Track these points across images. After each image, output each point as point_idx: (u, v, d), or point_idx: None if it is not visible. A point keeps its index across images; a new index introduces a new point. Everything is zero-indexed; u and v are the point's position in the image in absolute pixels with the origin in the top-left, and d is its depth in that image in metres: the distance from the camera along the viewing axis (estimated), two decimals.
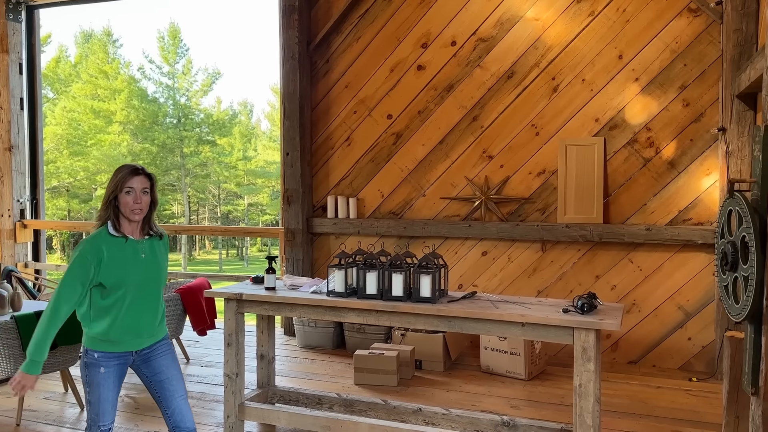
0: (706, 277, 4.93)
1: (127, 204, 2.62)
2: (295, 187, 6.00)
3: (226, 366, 3.70)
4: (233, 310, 3.68)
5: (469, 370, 4.98)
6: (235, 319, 3.68)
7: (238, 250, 40.63)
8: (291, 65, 5.95)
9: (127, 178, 2.63)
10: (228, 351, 3.69)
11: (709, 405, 4.24)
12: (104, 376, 2.67)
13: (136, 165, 2.73)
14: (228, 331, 3.69)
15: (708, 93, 4.87)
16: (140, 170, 2.69)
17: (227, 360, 3.70)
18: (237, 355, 3.69)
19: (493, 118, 5.43)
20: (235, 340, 3.69)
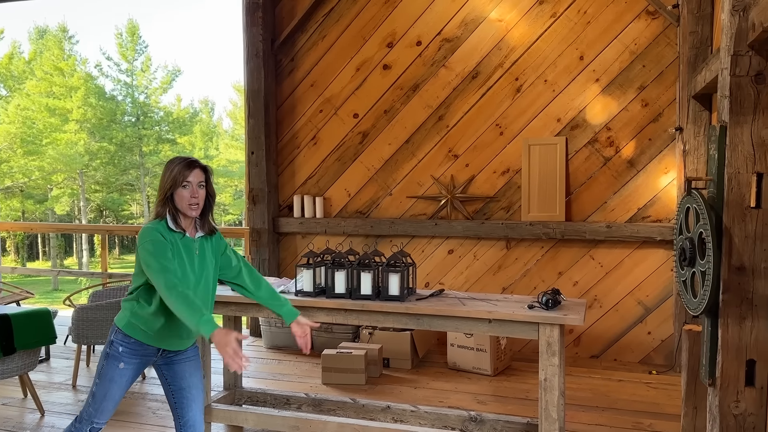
0: (664, 272, 5.08)
1: (184, 198, 2.48)
2: (260, 187, 5.96)
3: None
4: None
5: (437, 367, 5.02)
6: None
7: None
8: (255, 63, 5.90)
9: (184, 172, 2.48)
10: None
11: (668, 397, 4.37)
12: (120, 373, 2.52)
13: (191, 157, 2.57)
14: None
15: (666, 93, 5.01)
16: (196, 163, 2.54)
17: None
18: (203, 356, 3.65)
19: (458, 118, 5.49)
20: (202, 341, 3.64)
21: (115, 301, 4.66)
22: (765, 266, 2.95)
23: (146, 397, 4.43)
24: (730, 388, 3.04)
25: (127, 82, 29.89)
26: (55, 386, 4.64)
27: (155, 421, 3.98)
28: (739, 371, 3.02)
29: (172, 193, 2.49)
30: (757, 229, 2.96)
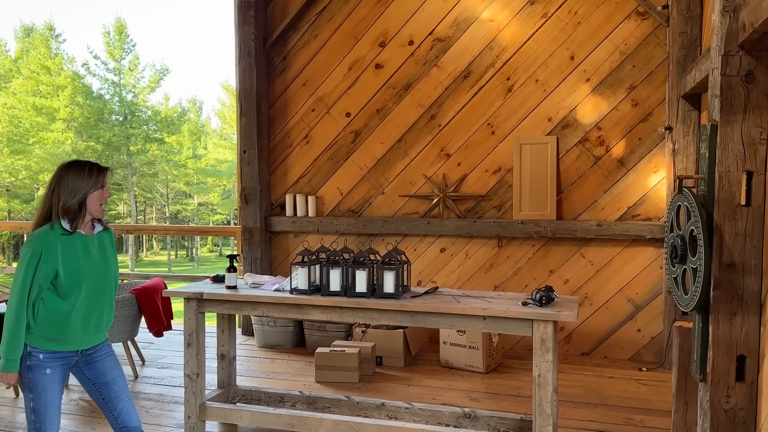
0: (654, 270, 5.13)
1: (99, 200, 2.65)
2: (252, 186, 5.95)
3: (187, 366, 3.65)
4: (193, 309, 3.63)
5: (429, 365, 5.05)
6: (196, 319, 3.64)
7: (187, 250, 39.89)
8: (247, 62, 5.89)
9: (102, 175, 2.65)
10: (188, 351, 3.64)
11: (658, 393, 4.42)
12: (50, 378, 2.56)
13: (96, 162, 2.72)
14: (188, 331, 3.64)
15: (655, 93, 5.07)
16: (107, 168, 2.72)
17: (187, 360, 3.65)
18: (198, 355, 3.65)
19: (450, 117, 5.52)
20: (196, 340, 3.64)
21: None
22: (755, 263, 3.00)
23: (138, 396, 4.42)
24: (720, 383, 3.08)
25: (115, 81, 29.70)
26: None
27: (148, 420, 3.96)
28: (730, 367, 3.06)
29: (85, 195, 2.58)
30: (747, 227, 3.00)
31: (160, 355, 5.42)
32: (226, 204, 34.56)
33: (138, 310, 4.82)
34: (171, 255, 35.79)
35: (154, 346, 5.68)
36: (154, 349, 5.60)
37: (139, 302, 4.78)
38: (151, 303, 4.81)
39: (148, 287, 4.86)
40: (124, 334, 4.75)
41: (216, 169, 33.13)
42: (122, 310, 4.67)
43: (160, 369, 5.04)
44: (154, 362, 5.22)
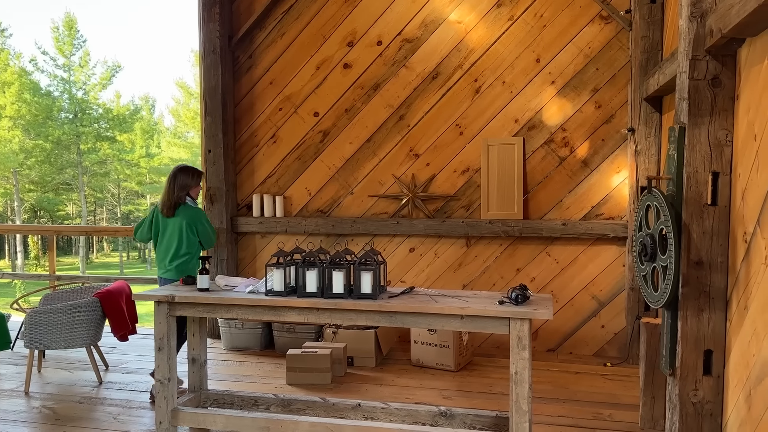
0: (617, 268, 5.27)
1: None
2: (218, 186, 5.86)
3: (158, 371, 3.57)
4: (164, 313, 3.56)
5: (400, 364, 5.06)
6: (167, 323, 3.56)
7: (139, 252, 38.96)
8: (212, 59, 5.80)
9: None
10: (159, 356, 3.57)
11: (624, 388, 4.54)
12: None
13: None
14: (159, 335, 3.56)
15: (618, 96, 5.20)
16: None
17: (158, 365, 3.57)
18: (169, 359, 3.57)
19: (419, 118, 5.55)
20: (167, 344, 3.57)
21: (71, 304, 4.50)
22: (721, 261, 3.12)
23: (104, 402, 4.30)
24: (689, 377, 3.19)
25: (64, 78, 28.80)
26: (6, 393, 4.44)
27: (116, 426, 3.86)
28: (698, 361, 3.17)
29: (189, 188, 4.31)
30: (714, 226, 3.11)
31: (124, 360, 5.28)
32: None
33: (102, 314, 4.69)
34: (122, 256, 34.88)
35: (117, 351, 5.54)
36: (117, 354, 5.45)
37: (103, 306, 4.64)
38: (116, 306, 4.68)
39: (112, 290, 4.73)
40: (87, 338, 4.61)
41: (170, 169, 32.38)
42: (85, 314, 4.54)
43: (125, 374, 4.91)
44: (118, 367, 5.09)
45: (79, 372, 4.96)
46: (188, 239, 4.30)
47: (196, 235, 4.33)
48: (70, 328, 4.51)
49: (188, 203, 4.32)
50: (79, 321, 4.53)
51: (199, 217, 4.33)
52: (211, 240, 4.41)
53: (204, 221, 4.35)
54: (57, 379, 4.78)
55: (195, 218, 4.30)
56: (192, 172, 4.35)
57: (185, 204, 4.31)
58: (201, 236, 4.35)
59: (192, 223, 4.30)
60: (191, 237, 4.30)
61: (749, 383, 2.78)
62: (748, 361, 2.80)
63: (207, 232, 4.35)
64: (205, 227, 4.35)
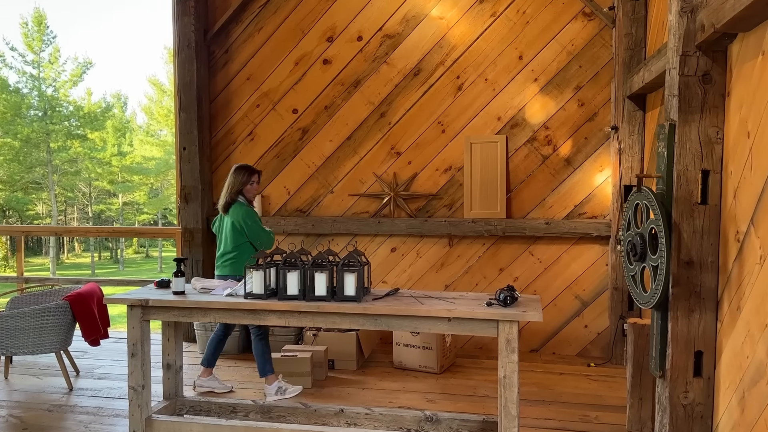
0: (600, 267, 5.23)
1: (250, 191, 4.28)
2: (193, 184, 5.68)
3: (131, 378, 3.41)
4: (138, 317, 3.40)
5: (382, 367, 4.96)
6: (140, 327, 3.41)
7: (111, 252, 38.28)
8: (187, 54, 5.62)
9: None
10: (132, 362, 3.41)
11: (609, 388, 4.49)
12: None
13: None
14: (132, 340, 3.41)
15: (601, 94, 5.16)
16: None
17: (132, 371, 3.42)
18: (143, 366, 3.42)
19: (400, 115, 5.44)
20: (141, 349, 3.41)
21: (39, 307, 4.31)
22: (711, 260, 3.06)
23: (75, 409, 4.11)
24: (679, 379, 3.13)
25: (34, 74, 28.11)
26: None
27: None
28: (688, 362, 3.12)
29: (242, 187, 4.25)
30: (704, 225, 3.06)
31: (96, 365, 5.09)
32: (153, 203, 33.37)
33: (72, 318, 4.50)
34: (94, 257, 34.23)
35: (88, 355, 5.34)
36: (88, 359, 5.25)
37: (73, 309, 4.46)
38: (87, 310, 4.49)
39: (82, 293, 4.54)
40: (56, 343, 4.42)
41: (142, 167, 31.91)
42: (55, 318, 4.35)
43: (96, 380, 4.72)
44: (89, 373, 4.89)
45: (48, 378, 4.75)
46: (234, 238, 4.23)
47: (244, 235, 4.22)
48: (38, 332, 4.32)
49: (240, 202, 4.23)
50: (48, 325, 4.34)
51: (244, 217, 4.18)
52: (261, 240, 4.21)
53: (249, 221, 4.18)
54: (25, 386, 4.58)
55: (241, 217, 4.18)
56: (246, 170, 4.26)
57: (237, 203, 4.23)
58: (249, 236, 4.22)
59: (237, 222, 4.20)
60: (237, 236, 4.22)
61: (743, 385, 2.73)
62: (741, 363, 2.74)
63: (254, 232, 4.19)
64: (251, 227, 4.19)
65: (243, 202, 4.25)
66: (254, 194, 4.32)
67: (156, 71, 50.93)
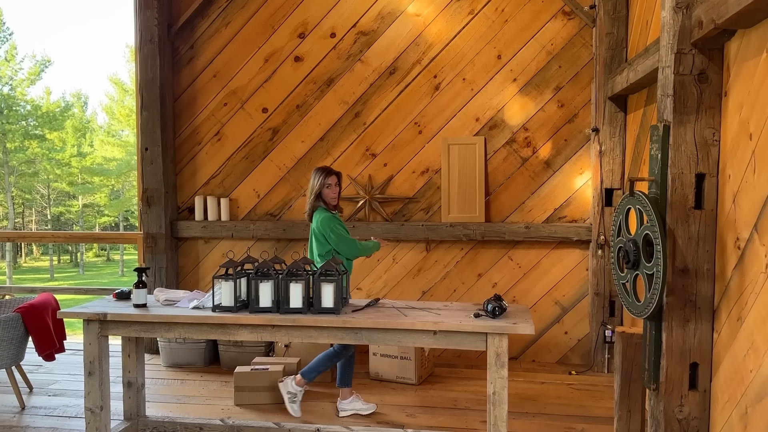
0: (580, 272, 5.11)
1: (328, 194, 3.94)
2: (156, 187, 5.37)
3: (88, 398, 3.13)
4: (95, 332, 3.12)
5: (358, 378, 4.73)
6: (98, 344, 3.13)
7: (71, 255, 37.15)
8: (150, 50, 5.31)
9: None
10: (90, 381, 3.13)
11: (592, 398, 4.35)
12: None
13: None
14: (89, 357, 3.13)
15: (581, 95, 5.03)
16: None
17: (89, 391, 3.13)
18: (101, 385, 3.14)
19: (375, 115, 5.23)
20: (99, 368, 3.14)
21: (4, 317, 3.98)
22: (707, 268, 2.93)
23: (27, 430, 3.79)
24: (674, 392, 2.99)
25: None
26: None
27: None
28: (683, 375, 2.98)
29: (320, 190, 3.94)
30: (700, 231, 2.93)
31: (50, 381, 4.75)
32: (115, 205, 32.49)
33: (24, 331, 4.17)
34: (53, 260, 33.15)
35: (42, 370, 4.99)
36: (42, 374, 4.91)
37: (25, 322, 4.12)
38: (41, 323, 4.17)
39: (35, 305, 4.21)
40: (7, 359, 4.08)
41: (103, 168, 31.04)
42: (5, 332, 4.01)
43: (51, 397, 4.39)
44: (43, 389, 4.55)
45: None
46: (317, 247, 3.92)
47: (327, 242, 3.90)
48: None
49: (321, 207, 3.94)
50: None
51: (322, 223, 3.86)
52: (343, 247, 3.85)
53: (327, 227, 3.83)
54: None
55: (320, 224, 3.87)
56: (322, 172, 3.94)
57: (318, 209, 3.94)
58: (330, 244, 3.88)
59: (317, 229, 3.90)
60: (322, 244, 3.90)
61: (745, 401, 2.59)
62: (743, 377, 2.61)
63: (334, 239, 3.83)
64: (329, 234, 3.84)
65: (324, 207, 3.95)
66: (334, 197, 3.95)
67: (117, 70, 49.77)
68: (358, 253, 3.92)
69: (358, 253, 3.92)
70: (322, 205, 3.93)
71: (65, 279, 29.15)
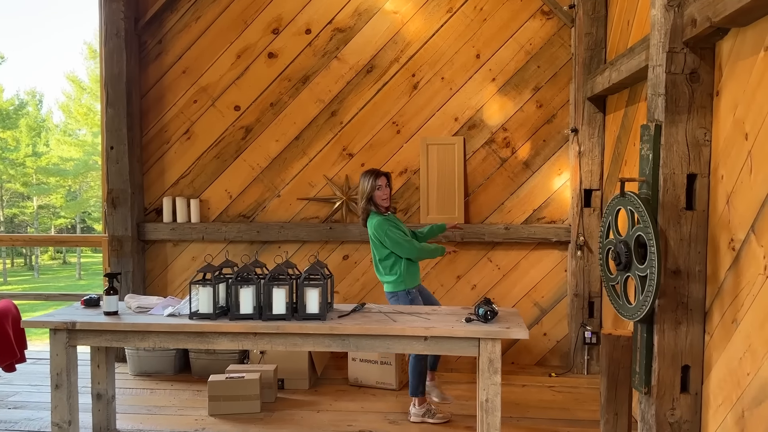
0: (559, 273, 5.07)
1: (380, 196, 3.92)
2: (122, 187, 5.14)
3: (56, 413, 2.93)
4: (63, 342, 2.93)
5: (337, 385, 4.60)
6: (66, 354, 2.94)
7: (25, 258, 35.89)
8: (115, 44, 5.08)
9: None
10: (57, 395, 2.93)
11: (575, 401, 4.31)
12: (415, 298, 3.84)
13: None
14: (56, 369, 2.93)
15: (559, 95, 5.00)
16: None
17: (56, 405, 2.94)
18: (69, 398, 2.95)
19: (352, 114, 5.10)
20: (67, 380, 2.94)
21: None
22: (699, 269, 2.90)
23: None
24: (666, 395, 2.95)
25: None
26: None
27: None
28: (675, 378, 2.94)
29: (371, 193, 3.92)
30: (692, 231, 2.90)
31: (10, 392, 4.48)
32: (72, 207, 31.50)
33: None
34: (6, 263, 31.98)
35: (1, 381, 4.71)
36: (1, 385, 4.63)
37: None
38: (1, 332, 3.92)
39: None
40: None
41: (60, 168, 30.05)
42: None
43: (11, 410, 4.13)
44: (3, 401, 4.29)
45: None
46: (377, 251, 3.90)
47: (384, 247, 3.85)
48: None
49: (372, 212, 3.92)
50: None
51: (376, 229, 3.82)
52: (401, 251, 3.80)
53: (381, 232, 3.79)
54: None
55: (375, 230, 3.84)
56: (370, 175, 3.92)
57: (371, 213, 3.92)
58: (389, 247, 3.82)
59: (374, 235, 3.87)
60: (380, 249, 3.88)
61: (741, 404, 2.56)
62: (739, 380, 2.58)
63: (390, 244, 3.79)
64: (384, 239, 3.80)
65: (375, 211, 3.92)
66: (385, 198, 3.91)
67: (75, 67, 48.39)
68: (418, 254, 3.86)
69: (417, 254, 3.85)
70: (373, 209, 3.91)
71: (19, 283, 28.17)
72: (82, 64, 40.91)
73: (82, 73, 31.20)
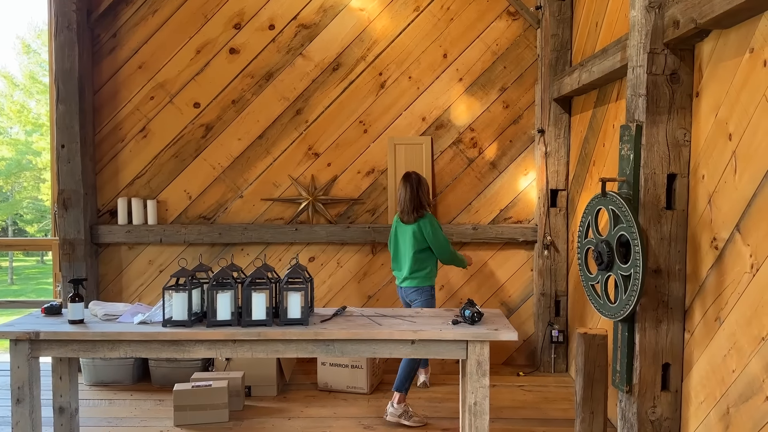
0: (525, 273, 5.10)
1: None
2: (73, 188, 4.87)
3: (17, 429, 2.72)
4: (25, 354, 2.72)
5: (306, 390, 4.48)
6: (28, 366, 2.73)
7: None
8: (67, 37, 4.81)
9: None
10: (18, 410, 2.72)
11: (545, 400, 4.34)
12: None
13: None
14: (17, 382, 2.72)
15: (525, 96, 5.03)
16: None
17: (18, 421, 2.73)
18: (32, 413, 2.74)
19: (318, 113, 4.99)
20: (29, 394, 2.73)
21: None
22: (679, 268, 2.94)
23: None
24: (647, 394, 2.98)
25: None
26: None
27: None
28: (656, 376, 2.97)
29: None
30: (672, 231, 2.93)
31: None
32: (3, 209, 29.97)
33: None
34: None
35: None
36: None
37: None
38: None
39: None
40: None
41: None
42: None
43: None
44: None
45: None
46: (420, 243, 3.99)
47: (426, 242, 3.97)
48: None
49: (427, 210, 4.12)
50: None
51: (432, 223, 3.99)
52: (443, 248, 3.98)
53: (436, 226, 3.99)
54: None
55: (431, 224, 3.98)
56: (418, 175, 4.13)
57: (427, 210, 4.09)
58: (430, 244, 3.97)
59: (427, 229, 3.96)
60: (423, 242, 3.98)
61: (726, 401, 2.60)
62: (723, 377, 2.61)
63: (440, 240, 3.96)
64: (430, 234, 3.95)
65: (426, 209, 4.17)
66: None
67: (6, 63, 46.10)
68: (451, 257, 4.04)
69: (450, 256, 4.04)
70: (427, 207, 4.09)
71: None
72: (14, 59, 38.98)
73: (14, 68, 29.73)
